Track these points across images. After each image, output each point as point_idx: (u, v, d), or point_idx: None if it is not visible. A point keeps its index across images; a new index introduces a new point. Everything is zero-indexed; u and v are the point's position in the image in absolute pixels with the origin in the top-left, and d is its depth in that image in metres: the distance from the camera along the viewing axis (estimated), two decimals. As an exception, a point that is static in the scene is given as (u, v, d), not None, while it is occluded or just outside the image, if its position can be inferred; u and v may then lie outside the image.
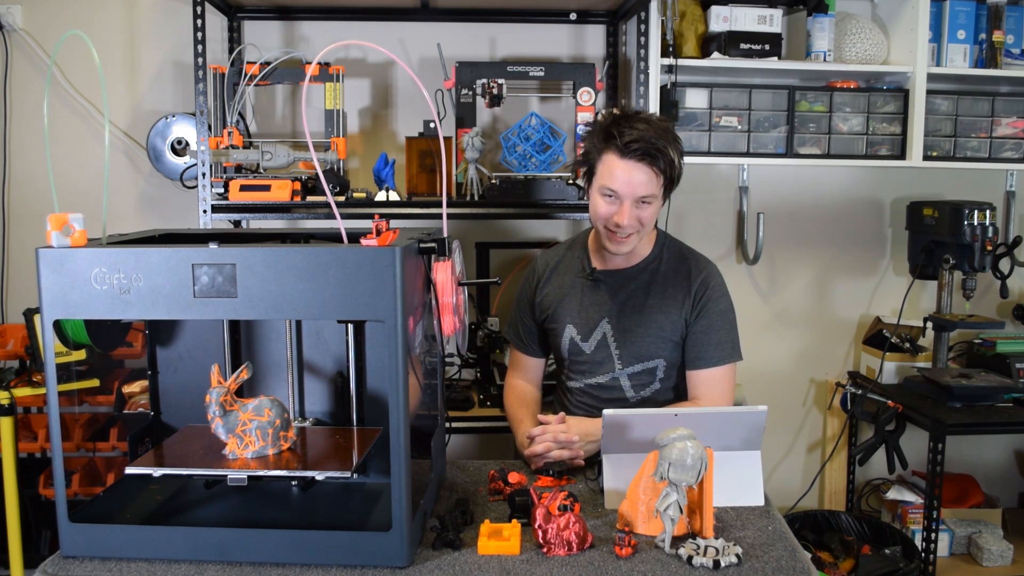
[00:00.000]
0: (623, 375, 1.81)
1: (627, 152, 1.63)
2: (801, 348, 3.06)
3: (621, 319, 1.80)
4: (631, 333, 1.79)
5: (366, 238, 1.15)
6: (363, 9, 2.67)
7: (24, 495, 2.40)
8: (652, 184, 1.66)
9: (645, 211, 1.69)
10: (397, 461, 1.15)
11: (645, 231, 1.75)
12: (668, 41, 2.54)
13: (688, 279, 1.80)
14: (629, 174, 1.64)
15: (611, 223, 1.69)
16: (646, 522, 1.31)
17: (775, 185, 2.97)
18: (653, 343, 1.78)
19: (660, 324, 1.78)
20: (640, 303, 1.80)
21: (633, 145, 1.62)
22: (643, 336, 1.78)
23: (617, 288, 1.82)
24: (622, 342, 1.79)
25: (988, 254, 2.60)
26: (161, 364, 1.47)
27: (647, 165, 1.63)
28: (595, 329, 1.81)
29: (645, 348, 1.79)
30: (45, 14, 2.69)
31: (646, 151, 1.62)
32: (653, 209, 1.70)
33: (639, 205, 1.68)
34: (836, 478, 3.03)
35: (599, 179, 1.70)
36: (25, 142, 2.73)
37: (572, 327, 1.83)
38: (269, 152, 2.36)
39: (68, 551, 1.21)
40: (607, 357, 1.81)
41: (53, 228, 1.15)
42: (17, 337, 2.58)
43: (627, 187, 1.65)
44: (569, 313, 1.84)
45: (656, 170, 1.65)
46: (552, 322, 1.87)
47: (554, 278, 1.90)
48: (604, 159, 1.68)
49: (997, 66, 2.71)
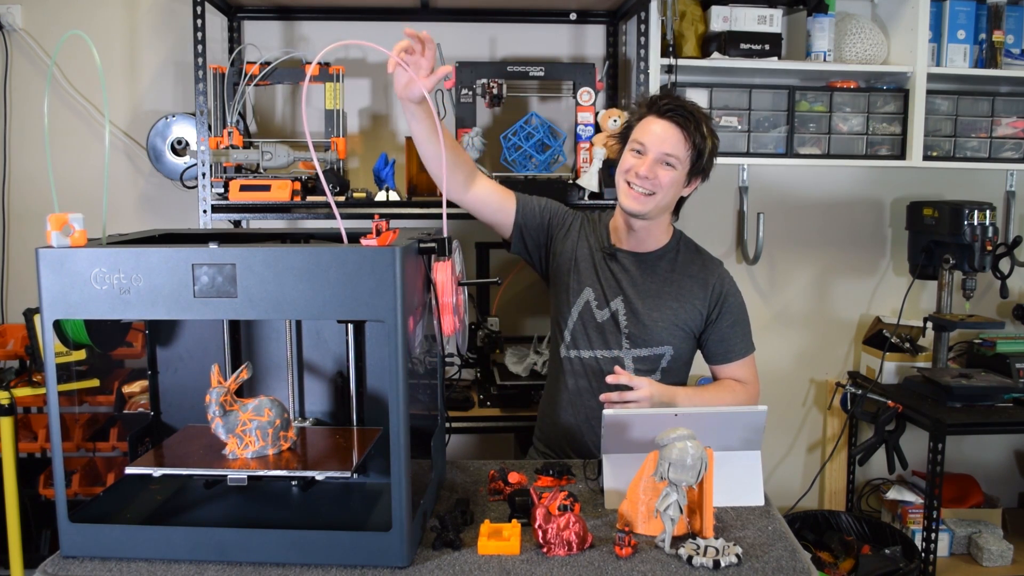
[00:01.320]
0: (628, 355, 1.82)
1: (663, 112, 1.74)
2: (801, 348, 3.06)
3: (636, 300, 1.82)
4: (644, 315, 1.81)
5: (366, 238, 1.15)
6: (363, 9, 2.67)
7: (24, 495, 2.40)
8: (679, 146, 1.73)
9: (666, 173, 1.73)
10: (397, 461, 1.15)
11: (662, 199, 1.76)
12: (668, 41, 2.54)
13: (706, 274, 1.86)
14: (661, 128, 1.73)
15: (631, 175, 1.75)
16: (646, 522, 1.31)
17: (775, 185, 2.97)
18: (665, 329, 1.81)
19: (675, 312, 1.82)
20: (657, 288, 1.83)
21: (669, 105, 1.74)
22: (657, 321, 1.81)
23: (635, 269, 1.84)
24: (634, 322, 1.81)
25: (988, 254, 2.60)
26: (161, 364, 1.47)
27: (679, 128, 1.72)
28: (611, 302, 1.83)
29: (656, 333, 1.81)
30: (45, 14, 2.69)
31: (681, 113, 1.73)
32: (674, 176, 1.74)
33: (662, 165, 1.73)
34: (836, 478, 3.03)
35: (633, 136, 1.77)
36: (25, 142, 2.73)
37: (591, 290, 1.84)
38: (269, 152, 2.36)
39: (68, 551, 1.21)
40: (615, 333, 1.82)
41: (53, 228, 1.15)
42: (17, 337, 2.58)
43: (655, 139, 1.73)
44: (589, 277, 1.86)
45: (686, 135, 1.72)
46: (568, 276, 1.87)
47: (580, 239, 1.91)
48: (642, 123, 1.77)
49: (997, 66, 2.71)
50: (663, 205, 1.78)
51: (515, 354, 2.55)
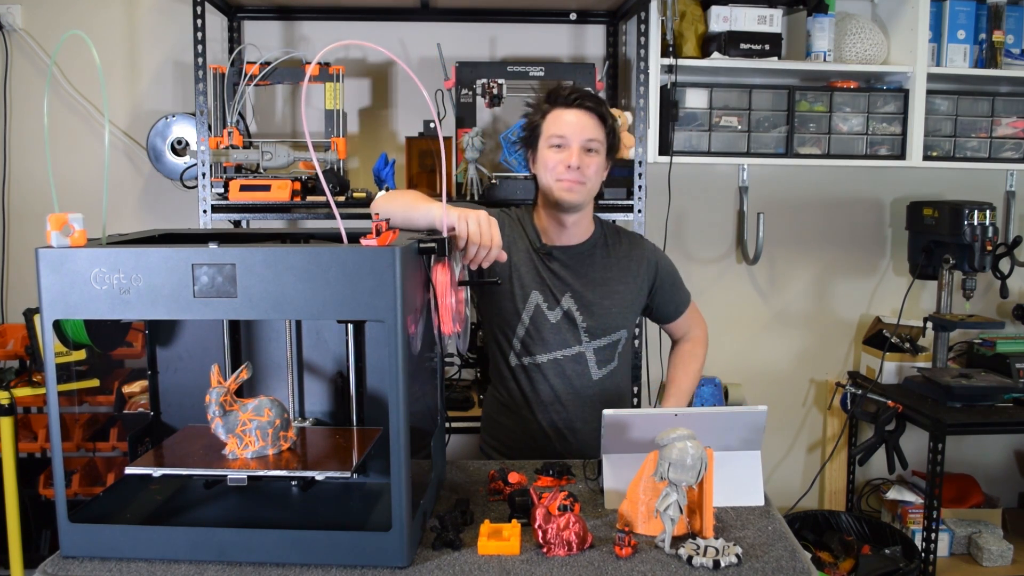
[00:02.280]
0: (589, 349, 1.82)
1: (572, 102, 1.75)
2: (801, 348, 3.06)
3: (585, 293, 1.82)
4: (597, 306, 1.81)
5: (366, 238, 1.15)
6: (363, 9, 2.67)
7: (24, 495, 2.41)
8: (598, 130, 1.75)
9: (591, 159, 1.75)
10: (397, 461, 1.15)
11: (592, 185, 1.77)
12: (668, 41, 2.54)
13: (638, 250, 1.90)
14: (575, 117, 1.74)
15: (561, 168, 1.74)
16: (646, 522, 1.31)
17: (775, 185, 2.97)
18: (620, 314, 1.83)
19: (623, 295, 1.84)
20: (601, 277, 1.84)
21: (575, 95, 1.75)
22: (610, 308, 1.82)
23: (574, 264, 1.84)
24: (589, 314, 1.81)
25: (988, 254, 2.60)
26: (161, 364, 1.47)
27: (591, 113, 1.74)
28: (561, 300, 1.82)
29: (612, 320, 1.83)
30: (45, 14, 2.69)
31: (589, 99, 1.75)
32: (599, 161, 1.77)
33: (586, 153, 1.74)
34: (836, 478, 3.03)
35: (546, 133, 1.77)
36: (25, 142, 2.73)
37: (538, 293, 1.81)
38: (269, 152, 2.36)
39: (68, 551, 1.21)
40: (572, 330, 1.81)
41: (53, 228, 1.15)
42: (17, 337, 2.58)
43: (575, 128, 1.74)
44: (533, 280, 1.82)
45: (599, 119, 1.75)
46: (511, 284, 1.81)
47: (513, 244, 1.84)
48: (549, 117, 1.77)
49: (997, 66, 2.71)
50: (593, 192, 1.80)
51: (515, 354, 2.55)
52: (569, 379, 1.82)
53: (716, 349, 3.03)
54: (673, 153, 2.59)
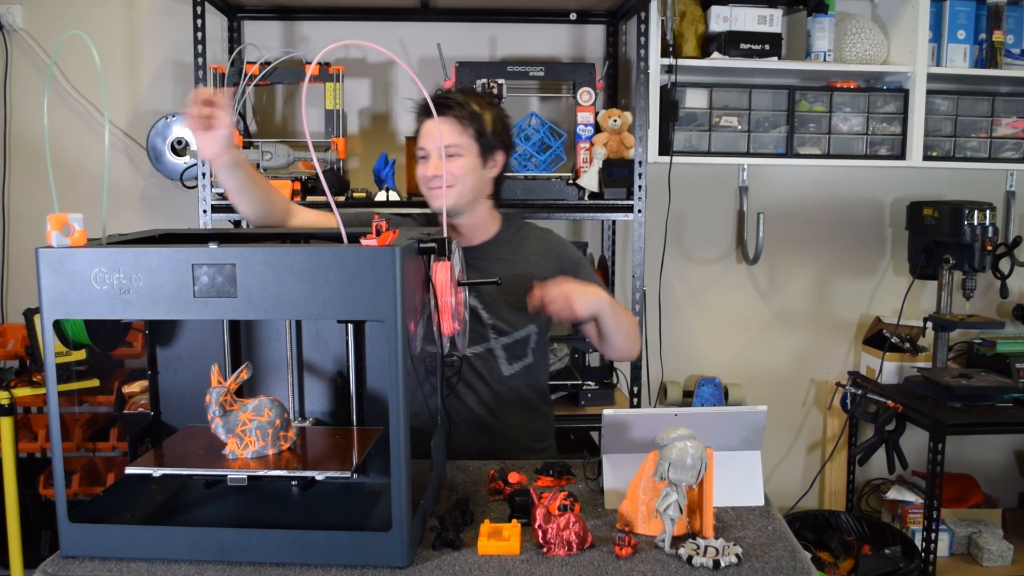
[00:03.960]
0: (497, 345, 1.83)
1: (428, 112, 1.75)
2: (801, 348, 3.06)
3: (488, 291, 1.81)
4: (501, 302, 1.81)
5: (366, 238, 1.15)
6: (363, 9, 2.67)
7: (24, 495, 2.41)
8: (454, 134, 1.73)
9: (455, 163, 1.74)
10: (397, 461, 1.15)
11: (464, 187, 1.75)
12: (668, 41, 2.55)
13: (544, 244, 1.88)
14: (433, 127, 1.75)
15: (425, 180, 1.76)
16: (646, 522, 1.31)
17: (775, 185, 2.97)
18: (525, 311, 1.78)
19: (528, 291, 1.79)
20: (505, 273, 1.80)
21: (435, 102, 1.75)
22: (515, 304, 1.81)
23: (476, 262, 1.82)
24: (494, 312, 1.81)
25: (988, 254, 2.60)
26: (161, 364, 1.47)
27: (447, 117, 1.73)
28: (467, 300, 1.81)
29: (518, 316, 1.81)
30: (45, 14, 2.69)
31: (443, 104, 1.74)
32: (465, 163, 1.75)
33: (449, 159, 1.74)
34: (836, 478, 3.03)
35: (417, 146, 1.78)
36: (25, 142, 2.73)
37: None
38: (269, 152, 2.36)
39: (68, 551, 1.21)
40: (480, 327, 1.82)
41: (53, 228, 1.15)
42: (17, 337, 2.58)
43: (430, 138, 1.75)
44: None
45: (456, 120, 1.73)
46: None
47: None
48: (420, 129, 1.79)
49: (997, 66, 2.72)
50: (469, 193, 1.77)
51: (515, 354, 2.55)
52: (481, 375, 1.83)
53: (716, 349, 3.04)
54: (673, 153, 2.59)
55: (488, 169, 1.80)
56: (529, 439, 1.90)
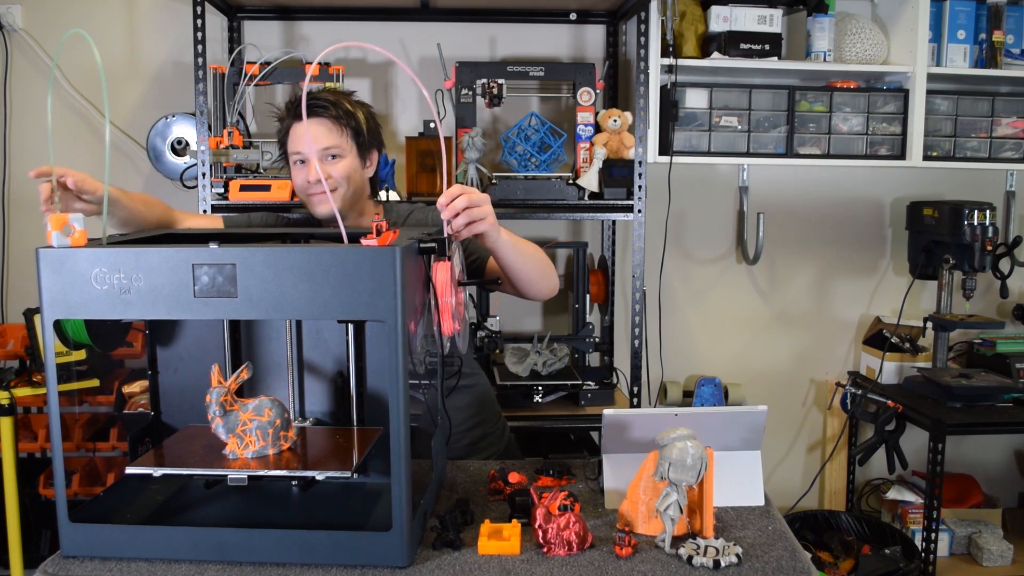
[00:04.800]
0: None
1: (297, 115, 1.67)
2: (801, 348, 3.06)
3: None
4: None
5: (366, 238, 1.15)
6: (363, 9, 2.67)
7: (24, 495, 2.41)
8: (334, 135, 1.67)
9: (336, 166, 1.69)
10: (397, 461, 1.15)
11: (347, 190, 1.71)
12: (668, 41, 2.55)
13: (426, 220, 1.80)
14: (308, 129, 1.67)
15: (306, 184, 1.69)
16: (646, 522, 1.31)
17: (775, 185, 2.97)
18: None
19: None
20: None
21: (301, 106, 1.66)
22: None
23: None
24: None
25: (988, 254, 2.60)
26: (161, 364, 1.47)
27: (322, 118, 1.67)
28: None
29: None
30: (45, 14, 2.69)
31: (315, 105, 1.67)
32: (346, 164, 1.69)
33: (328, 160, 1.68)
34: (836, 478, 3.03)
35: (290, 149, 1.72)
36: (25, 142, 2.73)
37: None
38: (269, 152, 2.36)
39: (68, 551, 1.21)
40: None
41: (53, 228, 1.15)
42: (17, 337, 2.58)
43: (308, 143, 1.67)
44: None
45: (333, 122, 1.67)
46: None
47: None
48: (291, 132, 1.71)
49: (997, 66, 2.72)
50: (352, 195, 1.73)
51: (515, 354, 2.55)
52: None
53: (716, 349, 3.04)
54: (673, 153, 2.59)
55: (367, 169, 1.76)
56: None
